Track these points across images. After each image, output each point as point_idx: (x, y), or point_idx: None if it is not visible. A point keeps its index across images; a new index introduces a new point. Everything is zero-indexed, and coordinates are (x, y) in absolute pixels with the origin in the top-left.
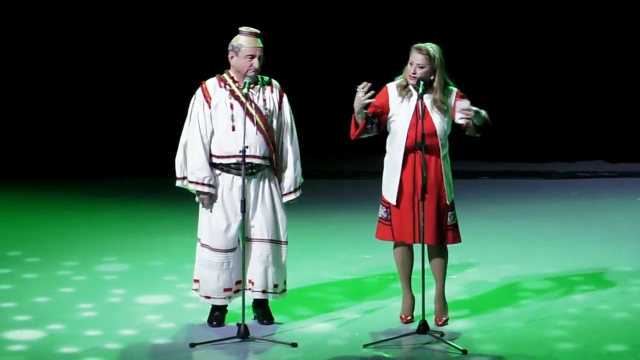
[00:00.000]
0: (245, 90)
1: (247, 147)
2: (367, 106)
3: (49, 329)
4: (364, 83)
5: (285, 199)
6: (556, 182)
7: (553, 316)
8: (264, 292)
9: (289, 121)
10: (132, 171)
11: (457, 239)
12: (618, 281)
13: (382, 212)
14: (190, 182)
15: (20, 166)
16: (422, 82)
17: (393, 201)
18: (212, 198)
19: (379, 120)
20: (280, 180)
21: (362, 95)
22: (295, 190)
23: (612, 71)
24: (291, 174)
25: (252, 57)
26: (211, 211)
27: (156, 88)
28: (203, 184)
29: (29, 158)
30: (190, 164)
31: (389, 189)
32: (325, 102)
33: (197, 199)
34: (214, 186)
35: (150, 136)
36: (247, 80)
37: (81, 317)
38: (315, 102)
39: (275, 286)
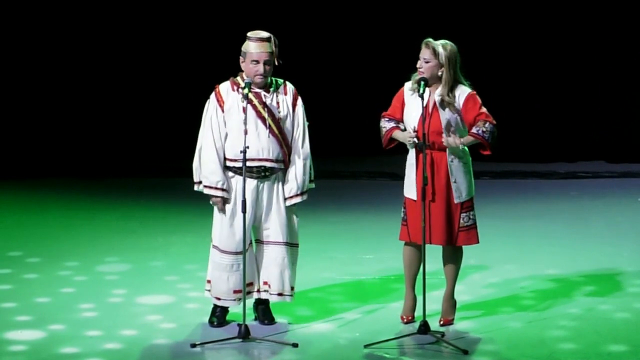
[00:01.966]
0: (246, 91)
1: (247, 147)
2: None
3: (49, 329)
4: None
5: (289, 202)
6: (557, 182)
7: (554, 316)
8: (280, 294)
9: (302, 124)
10: (132, 171)
11: (470, 240)
12: (619, 281)
13: (402, 212)
14: (205, 186)
15: (20, 166)
16: (422, 82)
17: (413, 197)
18: (225, 202)
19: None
20: (286, 182)
21: (409, 137)
22: (300, 194)
23: (613, 71)
24: (300, 177)
25: (257, 62)
26: (223, 214)
27: (156, 88)
28: (216, 188)
29: (29, 158)
30: (203, 168)
31: (408, 186)
32: (325, 102)
33: (211, 202)
34: (227, 190)
35: (150, 136)
36: (247, 80)
37: (82, 318)
38: (315, 102)
39: (292, 289)
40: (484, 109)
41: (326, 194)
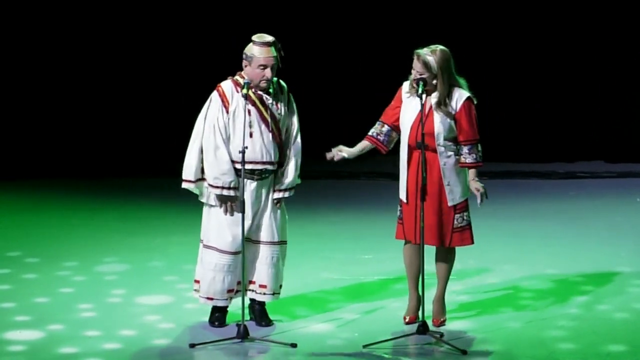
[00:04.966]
0: (244, 91)
1: (246, 147)
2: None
3: (48, 330)
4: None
5: (276, 195)
6: (556, 182)
7: (553, 316)
8: (274, 294)
9: (296, 121)
10: (131, 171)
11: (465, 240)
12: (618, 282)
13: (398, 211)
14: (215, 186)
15: (20, 166)
16: (421, 83)
17: (404, 198)
18: (237, 201)
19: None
20: (279, 176)
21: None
22: (289, 189)
23: (613, 71)
24: (292, 173)
25: (265, 67)
26: (228, 214)
27: (155, 89)
28: (229, 188)
29: (29, 158)
30: (215, 169)
31: (400, 186)
32: (325, 103)
33: (216, 203)
34: (238, 189)
35: (149, 137)
36: (246, 81)
37: (81, 318)
38: (315, 102)
39: (280, 286)
40: (474, 122)
41: (326, 194)
